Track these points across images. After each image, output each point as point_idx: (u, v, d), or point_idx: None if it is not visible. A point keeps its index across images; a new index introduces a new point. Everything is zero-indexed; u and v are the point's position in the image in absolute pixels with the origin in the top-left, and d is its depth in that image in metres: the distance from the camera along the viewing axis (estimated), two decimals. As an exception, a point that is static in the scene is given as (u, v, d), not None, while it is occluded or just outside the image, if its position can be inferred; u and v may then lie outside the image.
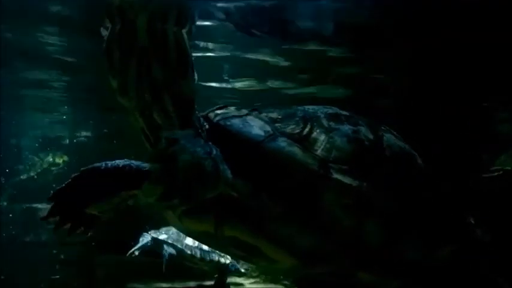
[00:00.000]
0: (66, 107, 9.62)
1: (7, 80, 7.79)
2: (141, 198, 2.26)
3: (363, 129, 2.40)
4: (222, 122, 2.26)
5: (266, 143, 2.15)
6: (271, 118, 2.31)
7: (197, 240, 2.75)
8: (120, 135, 9.62)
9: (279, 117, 2.33)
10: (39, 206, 8.69)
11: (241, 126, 2.22)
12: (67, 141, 10.94)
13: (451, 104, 6.57)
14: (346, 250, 2.28)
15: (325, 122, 2.34)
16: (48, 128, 11.10)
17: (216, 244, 2.54)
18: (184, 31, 1.82)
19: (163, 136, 2.00)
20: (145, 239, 6.50)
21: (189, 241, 6.47)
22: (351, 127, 2.38)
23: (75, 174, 2.27)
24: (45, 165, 10.15)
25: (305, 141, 2.22)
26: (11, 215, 8.76)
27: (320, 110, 2.45)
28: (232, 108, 2.43)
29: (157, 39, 1.75)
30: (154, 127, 2.01)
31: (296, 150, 2.17)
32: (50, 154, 10.53)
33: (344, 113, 2.50)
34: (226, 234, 2.25)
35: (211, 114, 2.35)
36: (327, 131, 2.30)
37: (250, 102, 2.71)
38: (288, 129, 2.25)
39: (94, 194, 2.21)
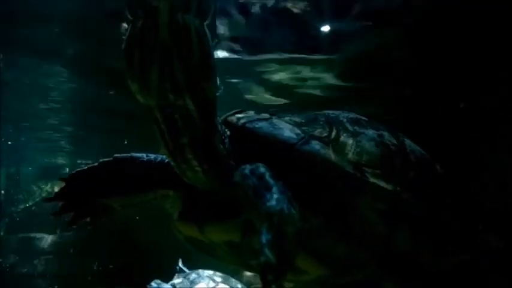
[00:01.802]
0: (66, 136, 9.56)
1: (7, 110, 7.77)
2: (168, 204, 2.26)
3: (385, 134, 2.36)
4: (249, 125, 2.16)
5: (300, 145, 2.06)
6: (295, 122, 2.23)
7: (219, 259, 2.55)
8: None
9: (303, 121, 2.25)
10: (37, 236, 8.56)
11: (271, 128, 2.13)
12: (67, 169, 10.84)
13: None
14: (377, 257, 2.20)
15: (349, 126, 2.29)
16: (49, 157, 11.02)
17: (239, 256, 2.35)
18: (206, 24, 1.72)
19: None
20: None
21: None
22: (375, 131, 2.33)
23: (94, 164, 2.26)
24: (43, 195, 10.04)
25: (335, 145, 2.15)
26: (7, 245, 8.59)
27: (341, 115, 2.39)
28: (251, 112, 2.34)
29: (179, 34, 1.65)
30: (175, 130, 1.87)
31: (330, 153, 2.09)
32: (49, 183, 10.44)
33: (363, 118, 2.45)
34: (255, 243, 2.04)
35: (232, 118, 2.25)
36: (353, 135, 2.24)
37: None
38: (316, 133, 2.17)
39: (121, 186, 2.19)
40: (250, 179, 1.89)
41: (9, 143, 9.90)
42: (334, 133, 2.19)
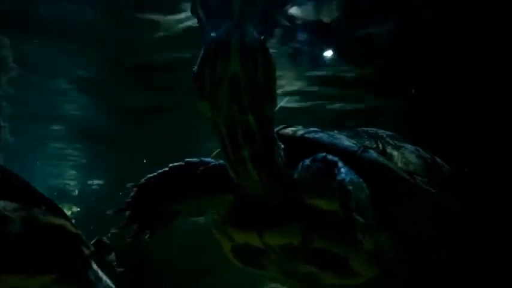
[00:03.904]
0: (76, 155, 9.50)
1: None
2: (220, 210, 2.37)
3: (419, 148, 2.51)
4: (309, 136, 2.30)
5: (361, 153, 2.20)
6: (344, 135, 2.35)
7: (260, 267, 2.59)
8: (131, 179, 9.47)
9: (349, 134, 2.37)
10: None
11: (331, 138, 2.26)
12: (76, 191, 10.75)
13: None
14: (424, 260, 2.34)
15: (390, 141, 2.43)
16: (58, 178, 10.94)
17: (289, 260, 2.42)
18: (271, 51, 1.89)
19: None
20: None
21: None
22: (412, 146, 2.48)
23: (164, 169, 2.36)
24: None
25: (385, 155, 2.28)
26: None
27: (378, 131, 2.53)
28: (299, 126, 2.44)
29: (248, 60, 1.81)
30: (238, 144, 2.01)
31: (386, 161, 2.23)
32: (59, 205, 10.31)
33: (397, 134, 2.59)
34: (316, 245, 2.24)
35: (287, 131, 2.36)
36: (396, 148, 2.39)
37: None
38: (367, 144, 2.30)
39: (191, 190, 2.29)
40: (313, 165, 2.07)
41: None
42: (380, 145, 2.34)
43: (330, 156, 2.06)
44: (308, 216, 2.18)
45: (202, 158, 2.42)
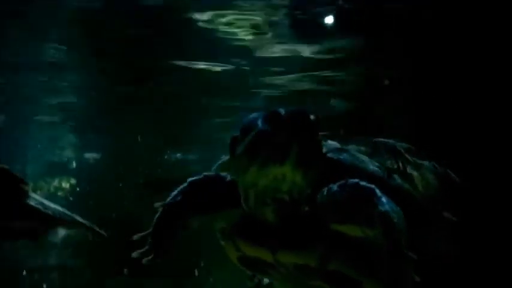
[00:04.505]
0: (72, 129, 9.55)
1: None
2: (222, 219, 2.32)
3: (435, 163, 2.50)
4: (333, 156, 2.19)
5: (387, 179, 2.13)
6: (363, 152, 2.28)
7: (270, 277, 2.58)
8: (125, 157, 9.59)
9: (368, 151, 2.30)
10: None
11: (356, 161, 2.18)
12: (74, 164, 10.83)
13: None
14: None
15: (409, 157, 2.38)
16: (54, 152, 11.01)
17: (302, 278, 2.36)
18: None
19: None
20: None
21: None
22: (428, 162, 2.46)
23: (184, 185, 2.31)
24: (52, 190, 10.06)
25: (406, 178, 2.22)
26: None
27: (396, 144, 2.46)
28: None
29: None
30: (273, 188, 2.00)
31: (409, 187, 2.18)
32: (57, 179, 10.45)
33: (412, 147, 2.56)
34: (332, 267, 2.18)
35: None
36: (416, 167, 2.34)
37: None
38: (389, 165, 2.24)
39: (212, 206, 2.26)
40: (343, 191, 1.98)
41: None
42: (401, 165, 2.27)
43: (364, 183, 1.96)
44: (328, 239, 2.11)
45: (219, 173, 2.37)
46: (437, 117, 6.18)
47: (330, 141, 2.32)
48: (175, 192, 2.32)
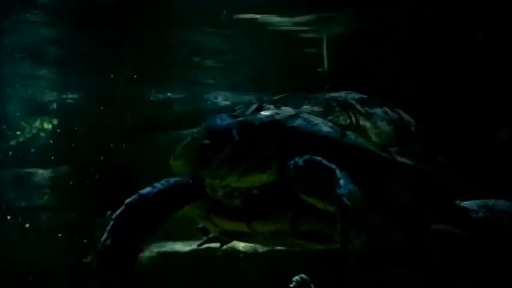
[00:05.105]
0: (52, 70, 9.36)
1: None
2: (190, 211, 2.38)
3: (387, 109, 2.48)
4: (288, 124, 2.20)
5: (341, 138, 2.17)
6: (316, 112, 2.30)
7: (253, 242, 2.67)
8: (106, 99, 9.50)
9: (321, 109, 2.32)
10: (31, 171, 8.62)
11: (309, 125, 2.19)
12: (55, 105, 10.69)
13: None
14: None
15: (360, 108, 2.39)
16: (34, 92, 10.83)
17: (280, 240, 2.50)
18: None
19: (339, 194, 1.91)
20: None
21: None
22: (380, 109, 2.45)
23: (119, 211, 2.27)
24: (34, 131, 9.98)
25: (359, 130, 2.25)
26: (2, 181, 8.65)
27: (347, 96, 2.48)
28: (271, 106, 2.37)
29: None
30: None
31: (363, 141, 2.21)
32: (38, 120, 10.33)
33: (363, 95, 2.56)
34: (304, 229, 2.30)
35: (264, 118, 2.23)
36: (367, 117, 2.35)
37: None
38: (341, 121, 2.26)
39: (159, 215, 2.26)
40: (308, 167, 2.03)
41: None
42: (353, 119, 2.29)
43: (326, 163, 2.01)
44: (298, 206, 2.19)
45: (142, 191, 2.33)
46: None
47: (283, 107, 2.33)
48: (128, 203, 2.31)
